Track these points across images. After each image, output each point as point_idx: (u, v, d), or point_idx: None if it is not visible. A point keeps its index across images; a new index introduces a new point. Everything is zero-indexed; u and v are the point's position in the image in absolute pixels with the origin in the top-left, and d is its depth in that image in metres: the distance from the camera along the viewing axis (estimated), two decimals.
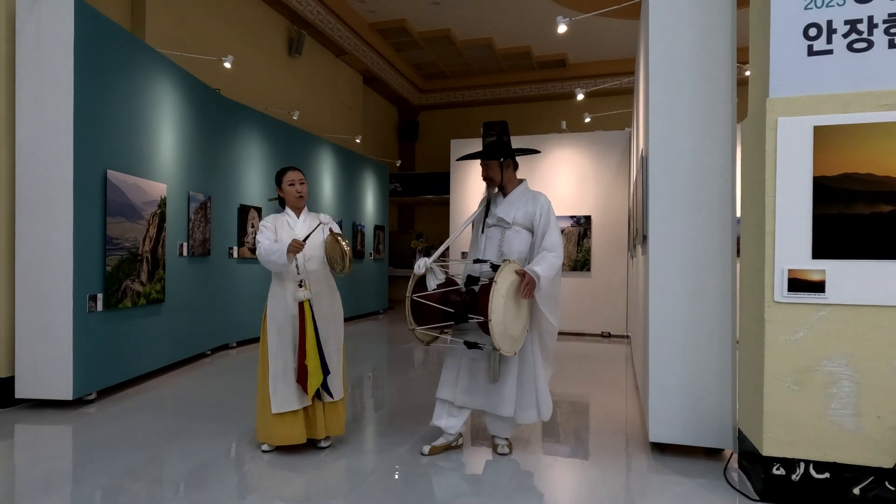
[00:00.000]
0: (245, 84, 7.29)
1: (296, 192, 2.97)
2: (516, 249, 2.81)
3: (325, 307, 2.95)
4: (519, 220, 2.82)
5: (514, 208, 2.85)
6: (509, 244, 2.82)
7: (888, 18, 2.19)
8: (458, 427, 2.87)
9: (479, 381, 2.82)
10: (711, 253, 2.75)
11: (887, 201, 2.17)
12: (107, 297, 3.92)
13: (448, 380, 2.88)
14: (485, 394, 2.80)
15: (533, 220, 2.82)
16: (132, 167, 4.26)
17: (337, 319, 3.03)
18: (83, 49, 3.73)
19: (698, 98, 2.78)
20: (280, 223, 2.94)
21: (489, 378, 2.77)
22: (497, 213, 2.86)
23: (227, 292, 5.81)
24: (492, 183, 2.89)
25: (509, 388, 2.76)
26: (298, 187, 2.98)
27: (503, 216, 2.84)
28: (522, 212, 2.83)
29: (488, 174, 2.88)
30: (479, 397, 2.81)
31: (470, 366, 2.84)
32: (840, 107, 2.23)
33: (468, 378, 2.84)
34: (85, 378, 3.73)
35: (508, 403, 2.75)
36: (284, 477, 2.59)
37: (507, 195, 2.89)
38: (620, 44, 9.64)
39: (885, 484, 2.16)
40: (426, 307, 2.69)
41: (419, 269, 2.70)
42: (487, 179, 2.89)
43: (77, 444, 3.10)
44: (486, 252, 2.84)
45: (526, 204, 2.84)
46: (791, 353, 2.26)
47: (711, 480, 2.53)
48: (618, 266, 7.01)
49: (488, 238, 2.86)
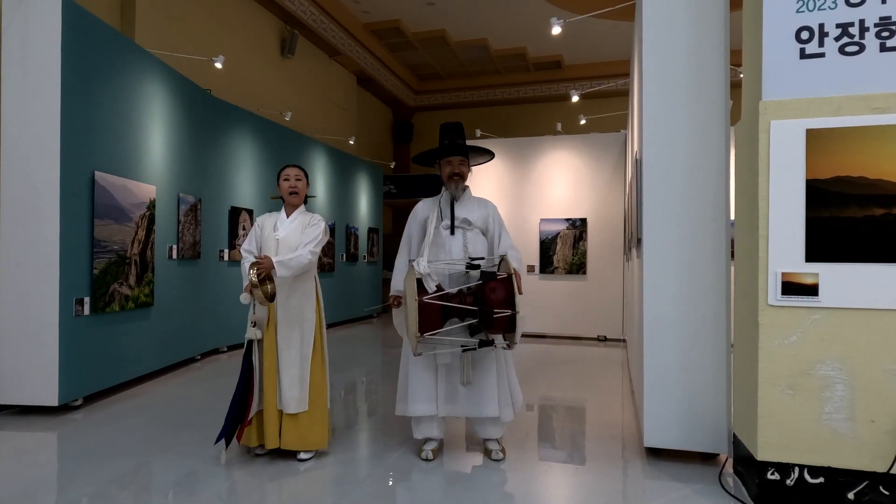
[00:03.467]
0: (237, 84, 7.24)
1: (288, 186, 2.91)
2: (480, 250, 2.85)
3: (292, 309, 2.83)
4: (478, 223, 2.88)
5: (472, 210, 2.89)
6: (474, 245, 2.84)
7: (879, 22, 2.18)
8: (444, 429, 2.91)
9: (456, 388, 2.78)
10: (706, 256, 2.74)
11: (879, 204, 2.16)
12: (94, 301, 3.87)
13: (421, 394, 2.78)
14: (466, 399, 2.77)
15: (487, 223, 2.90)
16: (121, 168, 4.21)
17: (305, 324, 2.83)
18: (71, 49, 3.68)
19: (692, 100, 2.76)
20: (268, 224, 2.91)
21: (462, 381, 2.73)
22: (461, 215, 2.86)
23: (217, 296, 5.75)
24: (461, 180, 2.89)
25: (490, 386, 2.75)
26: (293, 182, 2.91)
27: (468, 217, 2.86)
28: (478, 214, 2.89)
29: (460, 170, 2.88)
30: (460, 404, 2.78)
31: (447, 373, 2.79)
32: (832, 110, 2.22)
33: (446, 386, 2.79)
34: (71, 383, 3.67)
35: (491, 403, 2.75)
36: (275, 485, 2.55)
37: (459, 196, 2.90)
38: (616, 45, 9.66)
39: (880, 488, 2.14)
40: (431, 311, 2.56)
41: (423, 268, 2.63)
42: (458, 176, 2.87)
43: (62, 451, 3.05)
44: (454, 254, 2.81)
45: (479, 207, 2.92)
46: (785, 357, 2.25)
47: (707, 486, 2.51)
48: (614, 269, 7.00)
49: (454, 239, 2.84)
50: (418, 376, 2.80)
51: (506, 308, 2.50)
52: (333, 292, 8.11)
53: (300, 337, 2.82)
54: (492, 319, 2.54)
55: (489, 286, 2.59)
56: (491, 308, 2.54)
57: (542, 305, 7.09)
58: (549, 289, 7.16)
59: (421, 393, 2.78)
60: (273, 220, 2.92)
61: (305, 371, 2.81)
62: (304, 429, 2.78)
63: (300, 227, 2.87)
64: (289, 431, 2.76)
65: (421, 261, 2.65)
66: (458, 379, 2.75)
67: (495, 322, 2.55)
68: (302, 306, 2.84)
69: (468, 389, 2.76)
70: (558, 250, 7.15)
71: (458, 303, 2.64)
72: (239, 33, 7.43)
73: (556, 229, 7.16)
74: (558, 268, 7.14)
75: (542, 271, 7.20)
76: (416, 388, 2.79)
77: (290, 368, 2.77)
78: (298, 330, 2.82)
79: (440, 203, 2.92)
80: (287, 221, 2.90)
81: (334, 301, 8.13)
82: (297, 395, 2.77)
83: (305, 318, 2.84)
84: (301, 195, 2.94)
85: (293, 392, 2.76)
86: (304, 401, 2.78)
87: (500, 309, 2.52)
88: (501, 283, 2.58)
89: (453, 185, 2.87)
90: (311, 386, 2.81)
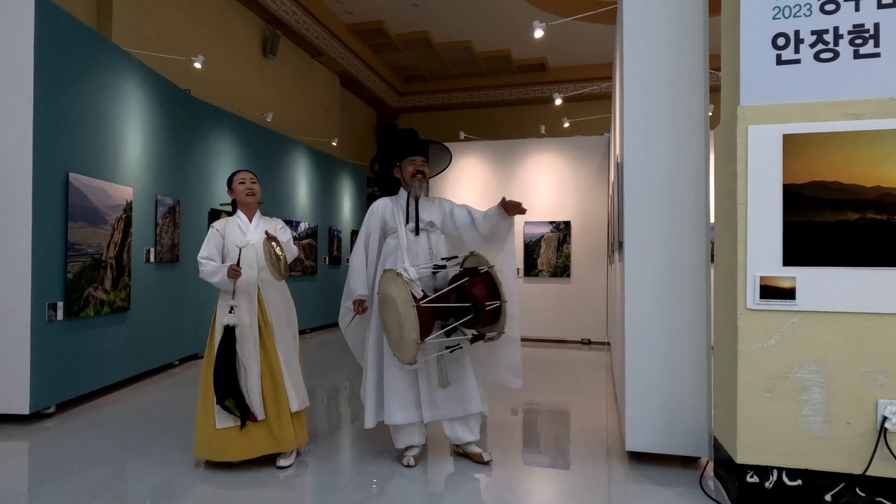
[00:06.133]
0: (217, 85, 7.14)
1: (245, 189, 2.88)
2: (444, 250, 2.85)
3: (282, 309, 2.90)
4: (439, 224, 2.89)
5: (431, 211, 2.88)
6: (437, 247, 2.84)
7: (853, 29, 2.21)
8: (424, 434, 2.87)
9: (436, 391, 2.75)
10: (686, 260, 2.75)
11: (853, 209, 2.19)
12: (68, 306, 3.77)
13: (399, 402, 2.72)
14: (449, 400, 2.74)
15: (444, 217, 2.90)
16: (96, 170, 4.11)
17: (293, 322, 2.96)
18: (44, 47, 3.59)
19: (672, 104, 2.78)
20: (231, 227, 2.86)
21: (441, 383, 2.71)
22: (426, 217, 2.85)
23: (196, 300, 5.64)
24: (425, 178, 2.88)
25: (470, 382, 2.76)
26: (248, 185, 2.90)
27: (433, 220, 2.86)
28: (437, 214, 2.89)
29: (423, 169, 2.87)
30: (442, 406, 2.75)
31: (426, 378, 2.76)
32: (808, 115, 2.25)
33: (427, 391, 2.75)
34: (43, 391, 3.57)
35: (475, 398, 2.75)
36: (254, 491, 2.50)
37: (418, 199, 2.87)
38: (600, 48, 9.73)
39: (856, 490, 2.17)
40: (424, 315, 2.50)
41: (413, 274, 2.60)
42: (421, 174, 2.85)
43: (34, 460, 2.96)
44: (421, 257, 2.79)
45: (435, 207, 2.92)
46: (763, 361, 2.27)
47: (688, 489, 2.52)
48: (598, 272, 7.03)
49: (419, 242, 2.82)
50: (394, 384, 2.73)
51: (492, 300, 2.55)
52: (316, 296, 8.03)
53: (293, 337, 2.91)
54: (483, 313, 2.56)
55: (469, 283, 2.59)
56: (481, 302, 2.55)
57: (526, 309, 7.09)
58: (533, 292, 7.17)
59: (398, 401, 2.72)
60: (234, 226, 2.87)
61: (299, 371, 2.90)
62: (301, 427, 2.84)
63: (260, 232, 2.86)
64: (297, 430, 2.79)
65: (409, 268, 2.62)
66: (437, 382, 2.72)
67: (486, 315, 2.57)
68: (287, 304, 2.93)
69: (447, 391, 2.73)
70: (542, 253, 7.17)
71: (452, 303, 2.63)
72: (219, 33, 7.33)
73: (540, 232, 7.19)
74: (542, 271, 7.16)
75: (526, 274, 7.22)
76: (393, 396, 2.72)
77: (290, 369, 2.81)
78: (290, 330, 2.89)
79: (402, 204, 2.87)
80: (251, 226, 2.89)
81: (317, 305, 8.05)
82: (301, 393, 2.84)
83: (292, 321, 2.93)
84: (257, 197, 2.94)
85: (297, 390, 2.82)
86: (307, 398, 2.87)
87: (487, 302, 2.55)
88: (481, 278, 2.60)
89: (417, 183, 2.83)
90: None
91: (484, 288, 2.57)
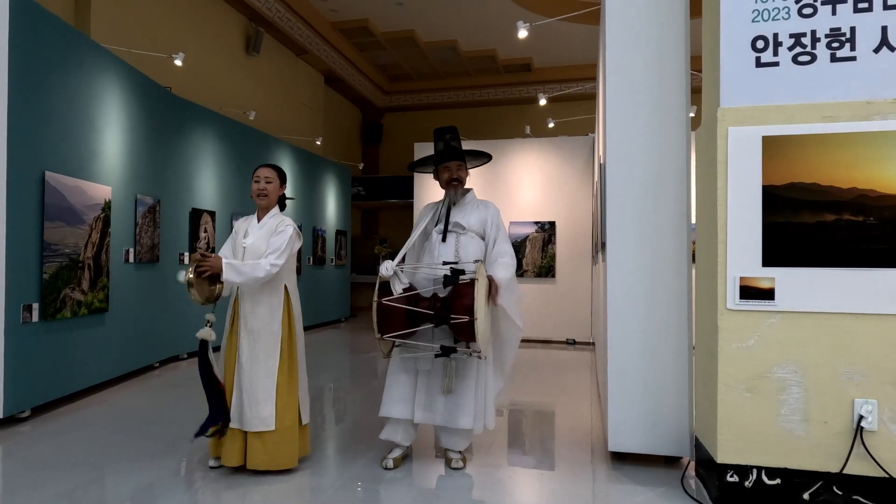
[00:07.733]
0: (198, 83, 7.04)
1: (257, 188, 2.75)
2: (472, 255, 2.80)
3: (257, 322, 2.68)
4: (474, 227, 2.84)
5: (468, 214, 2.86)
6: (465, 249, 2.80)
7: (830, 33, 2.25)
8: (413, 438, 2.84)
9: (435, 396, 2.74)
10: (668, 260, 2.77)
11: (831, 210, 2.23)
12: (43, 307, 3.69)
13: (398, 396, 2.76)
14: (443, 408, 2.73)
15: (485, 226, 2.86)
16: (73, 169, 4.03)
17: (271, 338, 2.67)
18: (19, 43, 3.50)
19: (654, 106, 2.80)
20: (241, 229, 2.79)
21: (443, 389, 2.70)
22: (454, 219, 2.84)
23: (176, 301, 5.54)
24: (460, 185, 2.88)
25: (468, 398, 2.70)
26: (262, 184, 2.75)
27: (460, 221, 2.83)
28: (476, 218, 2.86)
29: (458, 175, 2.87)
30: (438, 413, 2.73)
31: (427, 380, 2.75)
32: (786, 118, 2.27)
33: (425, 393, 2.74)
34: (17, 394, 3.48)
35: (467, 415, 2.69)
36: (236, 495, 2.46)
37: (458, 202, 2.89)
38: (585, 49, 9.78)
39: (833, 488, 2.20)
40: (393, 313, 2.56)
41: (387, 271, 2.59)
42: (456, 181, 2.86)
43: (7, 465, 2.89)
44: (443, 258, 2.79)
45: (478, 210, 2.89)
46: (743, 361, 2.29)
47: (669, 489, 2.54)
48: (582, 272, 7.07)
49: (445, 245, 2.82)
50: (396, 378, 2.78)
51: (466, 314, 2.44)
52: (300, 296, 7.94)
53: (264, 352, 2.64)
54: (449, 325, 2.52)
55: (457, 291, 2.55)
56: (448, 313, 2.51)
57: None
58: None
59: (396, 395, 2.76)
60: (246, 226, 2.80)
61: (271, 387, 2.62)
62: (271, 448, 2.60)
63: (268, 234, 2.71)
64: (255, 451, 2.60)
65: (389, 263, 2.62)
66: (439, 386, 2.71)
67: (455, 327, 2.52)
68: (268, 319, 2.68)
69: (445, 399, 2.72)
70: (527, 253, 7.19)
71: (426, 307, 2.59)
72: (201, 30, 7.23)
73: (525, 232, 7.20)
74: (527, 271, 7.18)
75: None
76: (393, 389, 2.78)
77: (252, 384, 2.60)
78: (263, 344, 2.64)
79: (440, 207, 2.92)
80: (256, 227, 2.76)
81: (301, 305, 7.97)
82: (263, 412, 2.58)
83: (272, 331, 2.67)
84: (271, 197, 2.77)
85: (257, 410, 2.58)
86: (271, 418, 2.58)
87: (459, 315, 2.47)
88: (459, 289, 2.54)
89: (452, 190, 2.87)
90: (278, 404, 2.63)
91: (467, 300, 2.47)
